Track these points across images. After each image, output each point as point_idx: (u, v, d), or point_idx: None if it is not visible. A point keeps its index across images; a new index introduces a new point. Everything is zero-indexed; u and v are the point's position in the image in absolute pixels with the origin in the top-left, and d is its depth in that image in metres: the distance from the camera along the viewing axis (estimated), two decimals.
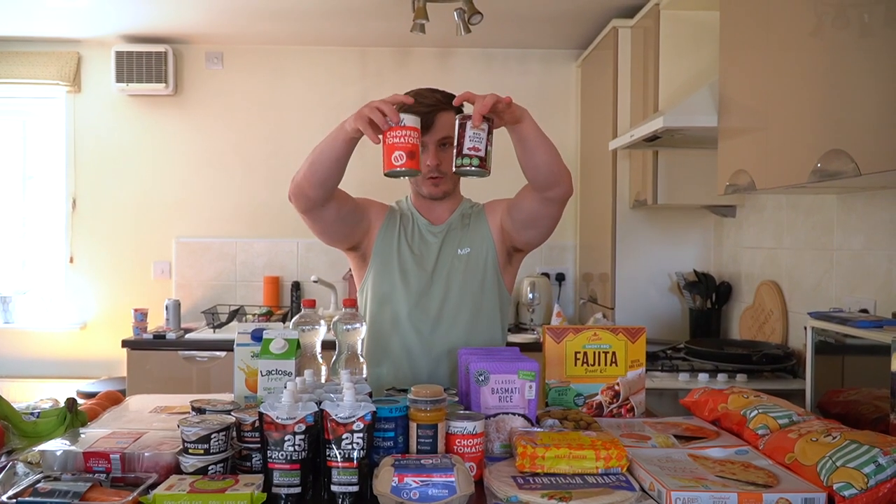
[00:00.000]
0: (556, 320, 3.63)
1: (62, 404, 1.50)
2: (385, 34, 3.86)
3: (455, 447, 1.27)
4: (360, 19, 3.62)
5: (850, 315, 1.74)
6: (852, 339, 1.63)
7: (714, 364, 2.51)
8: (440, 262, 1.85)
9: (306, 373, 1.39)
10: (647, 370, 1.76)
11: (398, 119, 1.44)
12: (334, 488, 1.18)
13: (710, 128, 2.32)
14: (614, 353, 1.64)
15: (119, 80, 3.92)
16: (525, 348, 2.28)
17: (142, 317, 3.54)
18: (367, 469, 1.19)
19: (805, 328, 1.80)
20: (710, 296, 3.15)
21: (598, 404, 1.63)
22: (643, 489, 1.18)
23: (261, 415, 1.19)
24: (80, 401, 1.58)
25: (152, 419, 1.54)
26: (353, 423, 1.18)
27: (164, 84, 3.95)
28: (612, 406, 1.64)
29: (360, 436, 1.18)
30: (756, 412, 1.45)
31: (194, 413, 1.40)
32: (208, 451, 1.22)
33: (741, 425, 1.46)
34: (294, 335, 1.49)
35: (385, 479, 1.14)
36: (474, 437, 1.28)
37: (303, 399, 1.25)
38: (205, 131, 4.14)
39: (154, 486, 1.16)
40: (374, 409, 1.21)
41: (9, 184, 4.19)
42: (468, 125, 1.43)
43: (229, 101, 4.13)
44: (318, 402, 1.23)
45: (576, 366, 1.63)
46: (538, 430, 1.37)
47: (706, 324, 3.15)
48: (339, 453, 1.17)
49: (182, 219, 4.13)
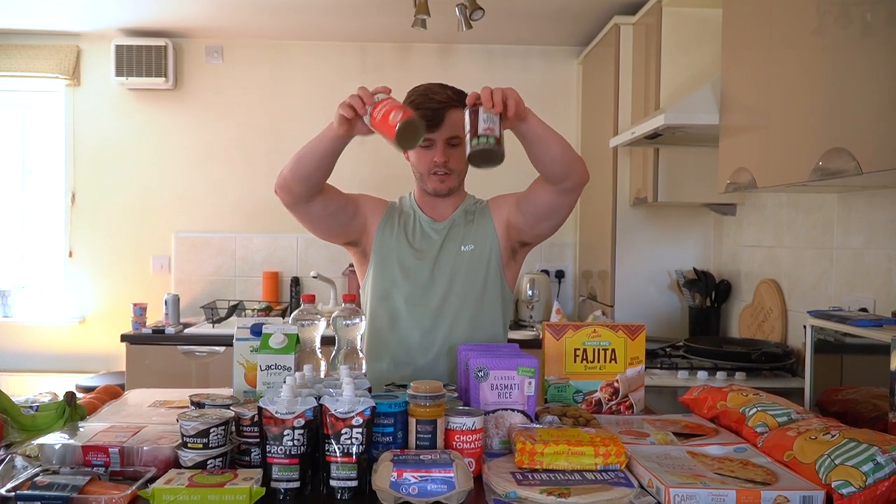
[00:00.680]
0: (556, 317, 3.63)
1: (61, 398, 1.50)
2: (386, 29, 3.85)
3: (454, 443, 1.27)
4: (360, 14, 3.61)
5: (849, 314, 1.74)
6: (851, 337, 1.63)
7: (713, 362, 2.51)
8: (442, 259, 1.84)
9: (305, 368, 1.39)
10: (647, 367, 1.76)
11: (372, 100, 1.48)
12: (333, 483, 1.18)
13: (712, 125, 2.32)
14: (614, 351, 1.64)
15: (119, 73, 3.91)
16: (525, 345, 2.27)
17: (141, 311, 3.54)
18: (366, 464, 1.19)
19: (804, 327, 1.80)
20: (709, 294, 3.15)
21: (598, 401, 1.63)
22: (642, 486, 1.19)
23: (260, 409, 1.19)
24: (79, 395, 1.58)
25: (151, 413, 1.54)
26: (353, 418, 1.18)
27: (163, 78, 3.94)
28: (611, 403, 1.64)
29: (360, 431, 1.18)
30: (755, 410, 1.45)
31: (193, 407, 1.40)
32: (207, 446, 1.22)
33: (740, 423, 1.46)
34: (293, 330, 1.49)
35: (384, 474, 1.14)
36: (473, 433, 1.28)
37: (302, 394, 1.25)
38: (204, 126, 4.13)
39: (153, 480, 1.16)
40: (374, 404, 1.21)
41: (8, 178, 4.18)
42: (481, 109, 1.46)
43: (229, 96, 4.13)
44: (318, 397, 1.24)
45: (575, 362, 1.63)
46: (537, 426, 1.38)
47: (705, 322, 3.15)
48: (338, 448, 1.17)
49: (181, 213, 4.13)
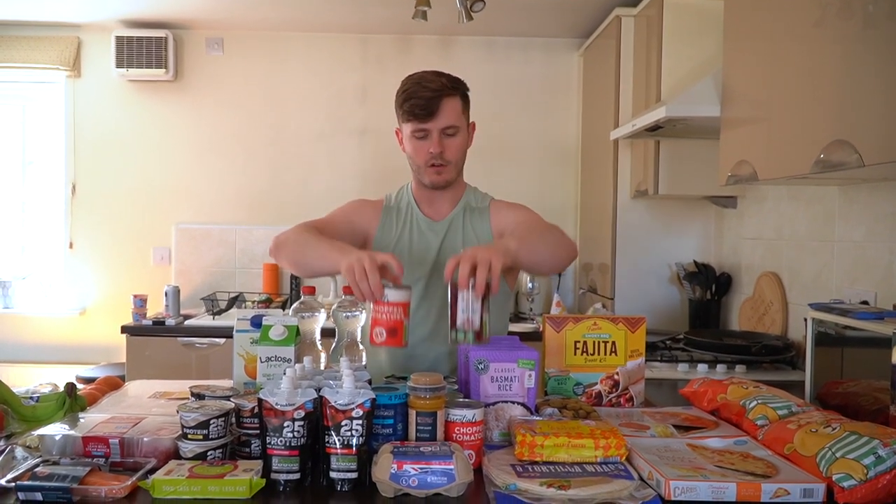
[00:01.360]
0: (556, 310, 3.63)
1: (61, 389, 1.50)
2: (386, 21, 3.84)
3: (454, 435, 1.27)
4: (361, 6, 3.60)
5: (850, 306, 1.74)
6: (852, 330, 1.63)
7: (713, 355, 2.51)
8: (441, 261, 1.79)
9: (305, 359, 1.39)
10: (647, 360, 1.76)
11: (381, 294, 1.38)
12: (333, 475, 1.18)
13: (713, 118, 2.31)
14: (614, 343, 1.64)
15: (119, 65, 3.90)
16: (525, 337, 2.26)
17: (141, 303, 3.54)
18: (366, 456, 1.19)
19: (805, 319, 1.80)
20: (710, 286, 3.15)
21: (598, 393, 1.63)
22: (642, 478, 1.19)
23: (260, 401, 1.19)
24: (80, 386, 1.58)
25: (151, 404, 1.54)
26: (353, 409, 1.17)
27: (164, 69, 3.93)
28: (612, 395, 1.64)
29: (360, 423, 1.18)
30: (755, 403, 1.45)
31: (193, 399, 1.40)
32: (207, 437, 1.22)
33: (740, 416, 1.46)
34: (293, 322, 1.49)
35: (384, 466, 1.14)
36: (473, 425, 1.28)
37: (302, 386, 1.25)
38: (205, 117, 4.12)
39: (153, 471, 1.16)
40: (374, 396, 1.21)
41: (8, 169, 4.18)
42: (461, 294, 1.34)
43: (229, 88, 4.12)
44: (318, 389, 1.23)
45: (575, 355, 1.63)
46: (537, 418, 1.38)
47: (706, 314, 3.15)
48: (338, 440, 1.17)
49: (182, 205, 4.12)
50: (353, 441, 1.17)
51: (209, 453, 1.22)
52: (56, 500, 1.09)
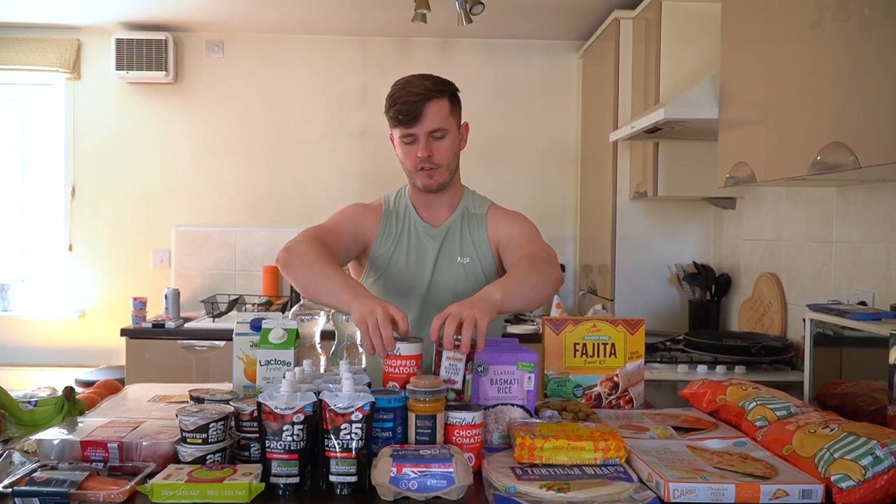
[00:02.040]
0: (556, 311, 3.63)
1: (60, 393, 1.50)
2: (386, 23, 3.84)
3: (454, 438, 1.27)
4: (361, 8, 3.61)
5: (848, 307, 1.74)
6: (850, 331, 1.63)
7: (713, 356, 2.51)
8: (438, 270, 1.79)
9: (305, 363, 1.39)
10: (646, 362, 1.76)
11: (393, 348, 1.36)
12: (333, 478, 1.18)
13: (711, 120, 2.32)
14: (613, 345, 1.64)
15: (119, 67, 3.90)
16: (524, 339, 2.28)
17: (141, 305, 3.54)
18: (365, 459, 1.19)
19: (804, 320, 1.80)
20: (709, 288, 3.15)
21: (597, 395, 1.63)
22: (641, 480, 1.19)
23: (259, 404, 1.19)
24: (78, 389, 1.58)
25: (150, 408, 1.54)
26: (352, 413, 1.18)
27: (164, 72, 3.93)
28: (611, 397, 1.64)
29: (359, 426, 1.18)
30: (754, 404, 1.45)
31: (193, 402, 1.40)
32: (206, 441, 1.22)
33: (739, 417, 1.46)
34: (293, 325, 1.49)
35: (384, 469, 1.14)
36: (473, 428, 1.28)
37: (301, 389, 1.25)
38: (205, 120, 4.12)
39: (152, 475, 1.16)
40: (373, 399, 1.21)
41: (8, 171, 4.18)
42: (444, 353, 1.34)
43: (230, 90, 4.12)
44: (317, 392, 1.23)
45: (575, 357, 1.63)
46: (537, 421, 1.38)
47: (705, 316, 3.15)
48: (338, 443, 1.17)
49: (182, 207, 4.12)
50: (353, 444, 1.18)
51: (208, 457, 1.22)
52: None
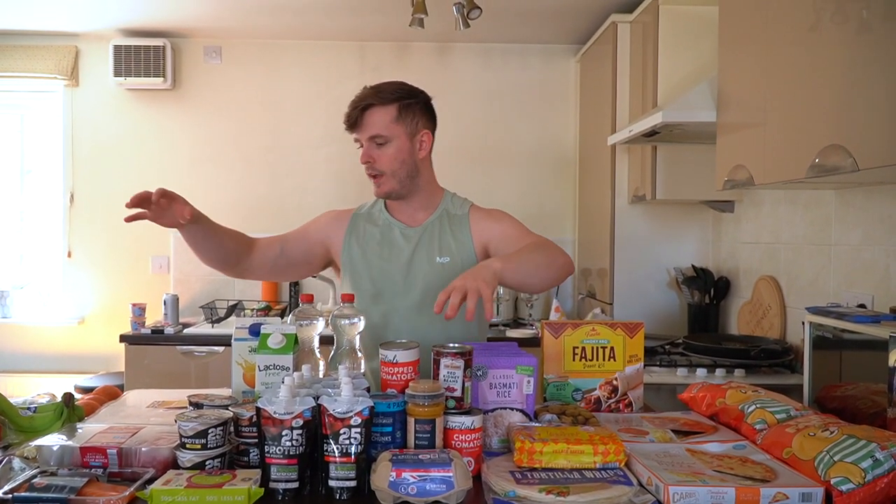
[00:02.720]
0: (555, 315, 3.63)
1: (59, 399, 1.50)
2: (384, 28, 3.85)
3: (453, 442, 1.27)
4: (358, 13, 3.61)
5: (847, 310, 1.74)
6: (850, 334, 1.63)
7: (712, 359, 2.51)
8: (413, 269, 1.78)
9: (304, 368, 1.39)
10: (646, 365, 1.76)
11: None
12: (332, 483, 1.18)
13: (709, 123, 2.32)
14: (612, 349, 1.64)
15: (117, 74, 3.91)
16: (523, 343, 2.28)
17: (140, 311, 3.54)
18: (364, 464, 1.19)
19: (803, 323, 1.80)
20: (708, 291, 3.15)
21: (596, 399, 1.63)
22: (641, 484, 1.19)
23: (258, 410, 1.19)
24: (78, 395, 1.58)
25: (150, 414, 1.54)
26: (351, 417, 1.18)
27: (162, 78, 3.94)
28: (610, 401, 1.64)
29: (358, 431, 1.18)
30: (754, 407, 1.45)
31: (192, 408, 1.40)
32: (206, 446, 1.22)
33: (739, 420, 1.46)
34: (292, 330, 1.49)
35: (383, 474, 1.14)
36: (472, 432, 1.28)
37: (300, 394, 1.25)
38: (203, 126, 4.13)
39: (151, 481, 1.16)
40: (372, 404, 1.21)
41: (7, 178, 4.18)
42: (442, 361, 1.34)
43: (228, 96, 4.12)
44: (316, 397, 1.23)
45: (574, 361, 1.63)
46: (536, 424, 1.38)
47: (704, 319, 3.15)
48: (337, 448, 1.17)
49: None
50: (352, 449, 1.17)
51: (207, 463, 1.22)
52: None
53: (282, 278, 1.83)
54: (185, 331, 3.53)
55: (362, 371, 1.57)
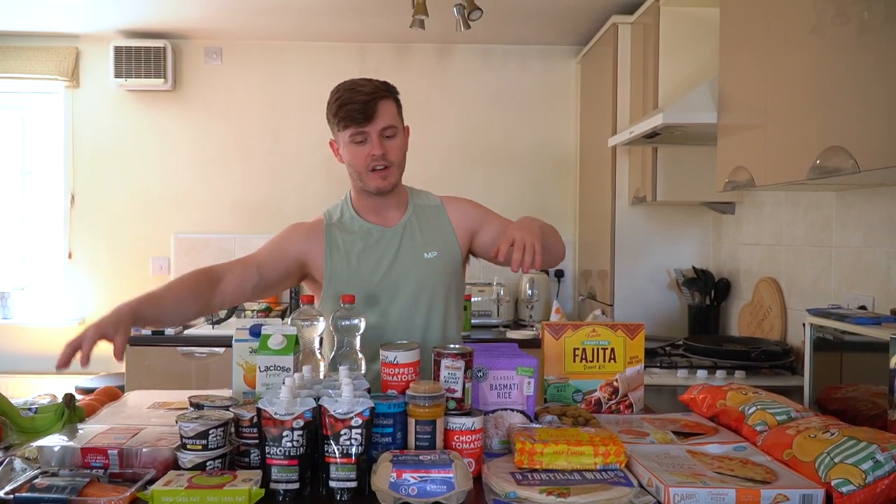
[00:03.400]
0: (555, 317, 3.63)
1: (60, 400, 1.50)
2: (384, 30, 3.85)
3: (454, 443, 1.27)
4: (359, 14, 3.61)
5: (848, 312, 1.74)
6: (850, 335, 1.63)
7: (713, 361, 2.50)
8: (399, 268, 1.77)
9: (305, 369, 1.39)
10: (646, 367, 1.76)
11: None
12: (332, 484, 1.18)
13: (710, 124, 2.32)
14: (613, 350, 1.64)
15: (118, 75, 3.91)
16: (524, 344, 2.28)
17: None
18: (365, 465, 1.19)
19: (803, 325, 1.80)
20: (708, 292, 3.15)
21: (597, 400, 1.63)
22: (641, 485, 1.19)
23: (259, 410, 1.19)
24: (78, 396, 1.58)
25: (150, 415, 1.54)
26: (352, 418, 1.18)
27: (162, 79, 3.94)
28: (611, 402, 1.64)
29: (359, 432, 1.18)
30: (754, 408, 1.45)
31: (192, 409, 1.40)
32: (206, 447, 1.22)
33: (739, 422, 1.46)
34: (292, 331, 1.49)
35: (383, 474, 1.14)
36: (473, 434, 1.28)
37: (301, 395, 1.25)
38: (203, 127, 4.13)
39: (152, 481, 1.16)
40: (373, 404, 1.21)
41: (7, 179, 4.18)
42: (443, 362, 1.35)
43: (228, 97, 4.13)
44: (317, 398, 1.23)
45: (574, 362, 1.63)
46: (537, 426, 1.38)
47: (705, 320, 3.15)
48: (338, 449, 1.17)
49: (180, 215, 4.12)
50: (353, 450, 1.18)
51: (208, 463, 1.22)
52: None
53: (259, 299, 1.82)
54: (186, 332, 3.53)
55: (363, 372, 1.57)
